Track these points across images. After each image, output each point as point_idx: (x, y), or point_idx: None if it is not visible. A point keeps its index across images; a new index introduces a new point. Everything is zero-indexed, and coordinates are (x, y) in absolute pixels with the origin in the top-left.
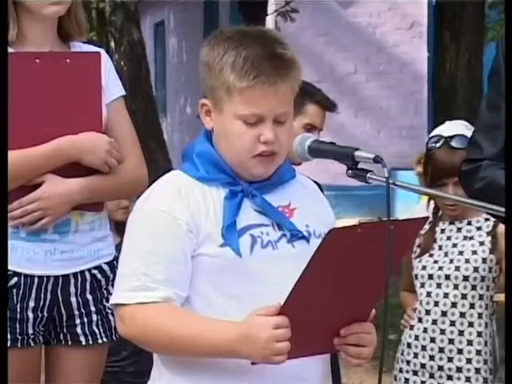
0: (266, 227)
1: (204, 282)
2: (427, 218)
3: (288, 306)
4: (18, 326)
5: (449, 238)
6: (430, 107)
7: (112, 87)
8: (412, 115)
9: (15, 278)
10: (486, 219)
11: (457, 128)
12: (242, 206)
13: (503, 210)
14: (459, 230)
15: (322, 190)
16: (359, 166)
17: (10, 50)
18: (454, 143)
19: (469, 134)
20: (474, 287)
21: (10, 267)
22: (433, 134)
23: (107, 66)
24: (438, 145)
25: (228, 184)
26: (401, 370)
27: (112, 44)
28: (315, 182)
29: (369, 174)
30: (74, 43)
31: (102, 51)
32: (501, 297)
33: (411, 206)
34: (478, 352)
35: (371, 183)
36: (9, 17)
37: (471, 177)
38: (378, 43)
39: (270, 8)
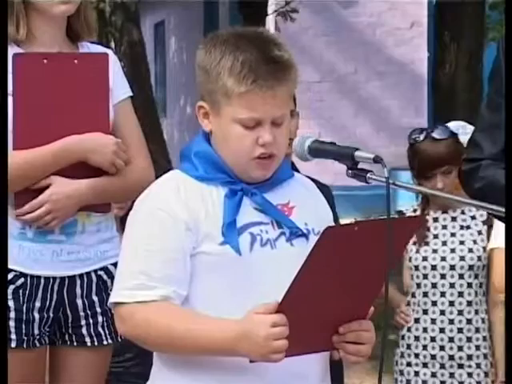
0: (266, 225)
1: (203, 280)
2: (425, 215)
3: (286, 304)
4: (23, 327)
5: (445, 227)
6: (430, 107)
7: (119, 88)
8: (412, 115)
9: (22, 279)
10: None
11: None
12: (241, 204)
13: (503, 209)
14: (454, 219)
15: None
16: (359, 166)
17: (19, 49)
18: (435, 134)
19: (451, 126)
20: (476, 276)
21: (16, 268)
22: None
23: (115, 67)
24: (420, 137)
25: (227, 183)
26: (409, 364)
27: (112, 44)
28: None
29: (369, 174)
30: (82, 43)
31: (110, 52)
32: (501, 297)
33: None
34: (484, 338)
35: (371, 183)
36: (19, 16)
37: (471, 176)
38: (378, 43)
39: (270, 8)
